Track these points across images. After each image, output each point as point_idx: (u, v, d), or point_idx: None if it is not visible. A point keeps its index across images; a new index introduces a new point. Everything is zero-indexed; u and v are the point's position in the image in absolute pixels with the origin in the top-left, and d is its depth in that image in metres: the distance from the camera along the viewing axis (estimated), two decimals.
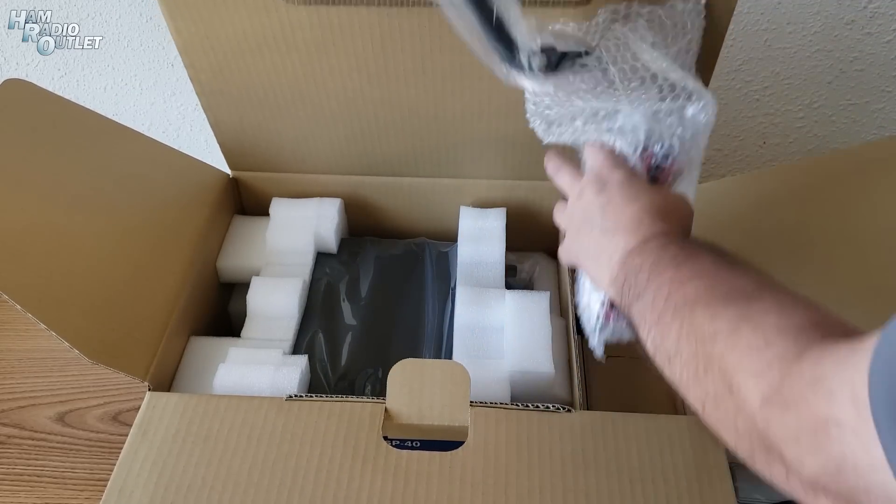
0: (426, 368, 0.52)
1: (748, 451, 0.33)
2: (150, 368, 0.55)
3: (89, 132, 0.62)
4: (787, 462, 0.29)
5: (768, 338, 0.31)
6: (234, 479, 0.48)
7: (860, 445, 0.25)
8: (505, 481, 0.48)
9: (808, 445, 0.28)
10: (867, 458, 0.25)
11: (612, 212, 0.46)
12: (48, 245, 0.53)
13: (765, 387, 0.30)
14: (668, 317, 0.37)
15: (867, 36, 0.73)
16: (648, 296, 0.39)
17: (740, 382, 0.32)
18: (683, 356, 0.36)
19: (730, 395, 0.32)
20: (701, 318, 0.35)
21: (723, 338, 0.33)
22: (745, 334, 0.32)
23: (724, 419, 0.33)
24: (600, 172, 0.48)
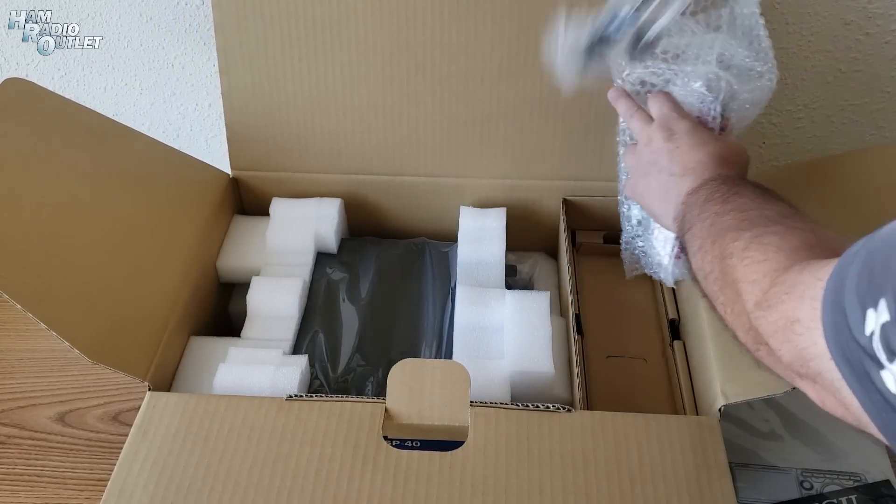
0: (426, 368, 0.52)
1: (753, 346, 0.39)
2: (150, 368, 0.55)
3: (89, 132, 0.62)
4: (774, 352, 0.35)
5: (768, 254, 0.37)
6: (234, 479, 0.48)
7: (811, 337, 0.31)
8: (505, 481, 0.48)
9: (783, 339, 0.34)
10: (815, 350, 0.31)
11: (679, 157, 0.51)
12: (48, 245, 0.53)
13: (757, 292, 0.37)
14: (709, 243, 0.43)
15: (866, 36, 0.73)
16: (697, 226, 0.45)
17: (742, 290, 0.38)
18: (715, 273, 0.42)
19: (738, 299, 0.38)
20: (728, 240, 0.41)
21: (737, 254, 0.40)
22: (751, 251, 0.39)
23: (736, 320, 0.40)
24: (668, 120, 0.53)
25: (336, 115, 0.69)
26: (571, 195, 0.71)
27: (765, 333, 0.36)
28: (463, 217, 0.70)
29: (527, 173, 0.70)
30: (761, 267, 0.37)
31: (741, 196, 0.45)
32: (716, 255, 0.42)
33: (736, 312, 0.39)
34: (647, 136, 0.54)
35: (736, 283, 0.39)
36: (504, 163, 0.70)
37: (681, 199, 0.50)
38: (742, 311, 0.38)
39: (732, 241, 0.41)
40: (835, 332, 0.29)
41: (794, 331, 0.32)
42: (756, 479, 0.61)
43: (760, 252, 0.38)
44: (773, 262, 0.37)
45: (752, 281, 0.37)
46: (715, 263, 0.42)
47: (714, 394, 0.53)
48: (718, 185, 0.47)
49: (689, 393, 0.59)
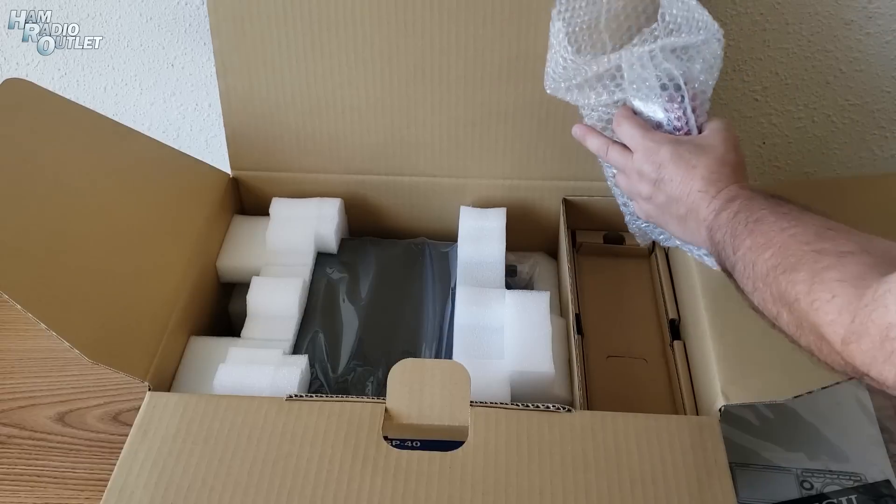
0: (426, 368, 0.52)
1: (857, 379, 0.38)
2: (150, 368, 0.55)
3: (89, 132, 0.62)
4: (881, 381, 0.34)
5: (834, 291, 0.37)
6: (234, 479, 0.48)
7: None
8: (505, 481, 0.48)
9: (882, 358, 0.33)
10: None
11: (678, 196, 0.50)
12: (48, 245, 0.53)
13: (840, 329, 0.36)
14: (761, 284, 0.43)
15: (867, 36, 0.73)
16: (740, 267, 0.45)
17: (825, 333, 0.37)
18: (784, 316, 0.41)
19: (822, 343, 0.38)
20: (784, 285, 0.40)
21: (803, 298, 0.39)
22: (816, 293, 0.38)
23: (828, 361, 0.39)
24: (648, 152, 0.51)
25: (335, 116, 0.69)
26: (571, 195, 0.71)
27: (862, 365, 0.35)
28: (463, 217, 0.70)
29: (527, 173, 0.70)
30: (832, 305, 0.37)
31: (764, 224, 0.44)
32: (777, 300, 0.41)
33: (826, 353, 0.39)
34: (635, 171, 0.53)
35: (816, 327, 0.38)
36: (504, 163, 0.70)
37: (703, 236, 0.49)
38: (830, 353, 0.38)
39: (791, 286, 0.40)
40: None
41: (891, 337, 0.32)
42: (756, 479, 0.61)
43: (826, 291, 0.38)
44: (842, 297, 0.36)
45: (829, 322, 0.37)
46: (780, 308, 0.41)
47: (714, 394, 0.53)
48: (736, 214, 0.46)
49: (689, 393, 0.59)
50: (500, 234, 0.68)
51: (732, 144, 0.51)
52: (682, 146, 0.50)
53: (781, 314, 0.42)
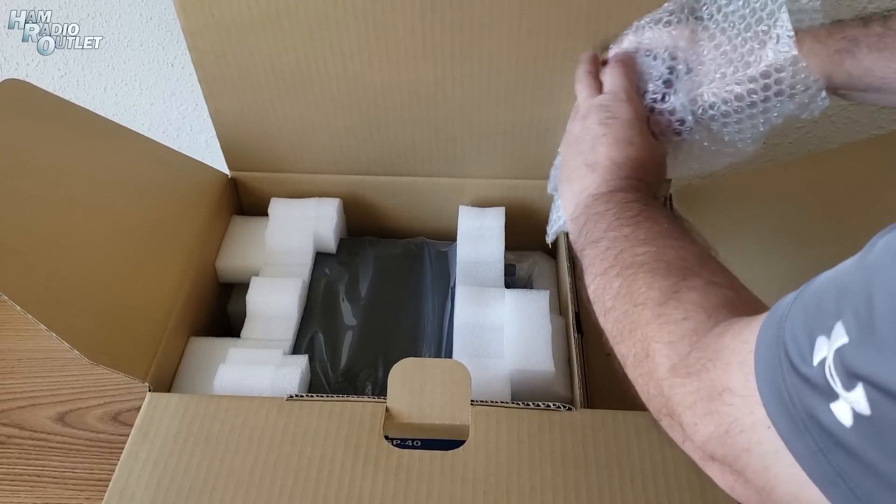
0: (427, 368, 0.52)
1: (656, 412, 0.36)
2: (150, 369, 0.55)
3: (87, 133, 0.62)
4: (684, 427, 0.32)
5: (687, 313, 0.34)
6: (235, 480, 0.48)
7: (746, 407, 0.28)
8: (506, 480, 0.48)
9: (703, 411, 0.30)
10: (751, 419, 0.28)
11: (602, 147, 0.48)
12: (48, 245, 0.53)
13: (674, 356, 0.33)
14: (614, 272, 0.40)
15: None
16: (602, 245, 0.42)
17: (655, 350, 0.34)
18: (617, 313, 0.39)
19: (646, 359, 0.35)
20: (640, 283, 0.38)
21: (651, 306, 0.36)
22: (669, 307, 0.35)
23: (640, 380, 0.36)
24: (614, 100, 0.50)
25: (330, 134, 0.68)
26: None
27: (679, 404, 0.32)
28: (462, 216, 0.70)
29: (525, 172, 0.70)
30: (679, 328, 0.34)
31: (654, 224, 0.42)
32: (622, 294, 0.39)
33: (641, 371, 0.36)
34: (587, 109, 0.51)
35: (647, 340, 0.35)
36: (503, 162, 0.70)
37: (584, 197, 0.47)
38: (650, 373, 0.35)
39: (647, 289, 0.37)
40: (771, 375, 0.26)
41: (724, 401, 0.29)
42: None
43: (679, 310, 0.35)
44: (692, 323, 0.34)
45: (667, 342, 0.34)
46: (620, 301, 0.39)
47: None
48: (631, 200, 0.44)
49: None
50: (500, 233, 0.68)
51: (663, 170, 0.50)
52: (643, 125, 0.49)
53: (615, 309, 0.39)
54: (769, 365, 0.27)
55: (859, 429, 0.22)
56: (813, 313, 0.25)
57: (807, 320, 0.25)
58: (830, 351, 0.23)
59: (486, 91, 0.64)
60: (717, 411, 0.30)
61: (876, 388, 0.21)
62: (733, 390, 0.29)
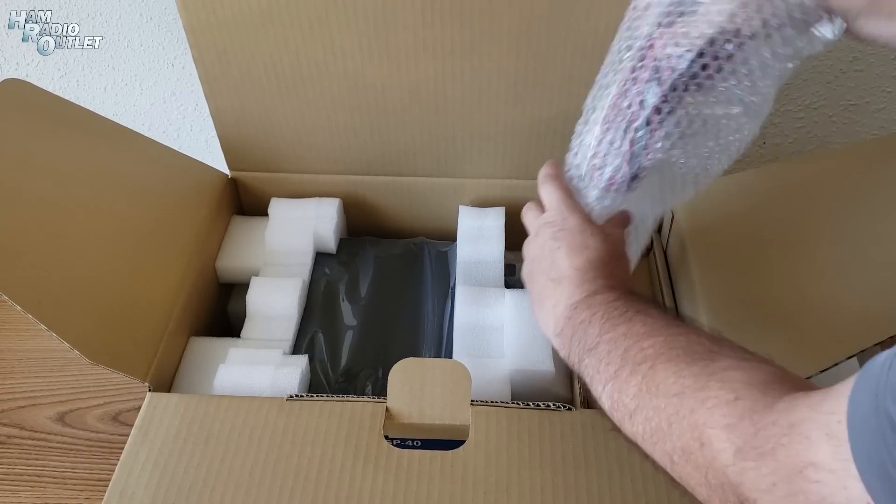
0: (427, 368, 0.52)
1: None
2: (150, 369, 0.55)
3: (87, 133, 0.62)
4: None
5: (737, 392, 0.32)
6: (235, 480, 0.48)
7: (837, 483, 0.25)
8: (506, 480, 0.48)
9: (784, 492, 0.28)
10: (844, 495, 0.25)
11: (561, 260, 0.47)
12: (48, 245, 0.53)
13: (737, 439, 0.30)
14: (626, 372, 0.37)
15: None
16: (602, 350, 0.40)
17: (711, 436, 0.32)
18: (646, 411, 0.36)
19: (700, 448, 0.32)
20: (663, 374, 0.35)
21: (690, 393, 0.33)
22: (713, 390, 0.33)
23: (695, 473, 0.33)
24: (558, 214, 0.50)
25: (330, 135, 0.68)
26: None
27: (753, 489, 0.30)
28: (462, 216, 0.70)
29: (526, 172, 0.70)
30: (734, 409, 0.31)
31: (648, 316, 0.40)
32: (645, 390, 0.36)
33: (696, 463, 0.33)
34: (536, 230, 0.51)
35: (697, 428, 0.32)
36: (503, 162, 0.70)
37: (561, 309, 0.45)
38: (707, 463, 0.32)
39: (675, 378, 0.35)
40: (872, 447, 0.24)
41: (808, 478, 0.27)
42: None
43: (726, 390, 0.32)
44: (747, 401, 0.31)
45: (724, 426, 0.31)
46: (645, 399, 0.36)
47: None
48: (612, 300, 0.42)
49: None
50: (500, 233, 0.68)
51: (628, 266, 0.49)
52: (590, 225, 0.48)
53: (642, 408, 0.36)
54: (868, 436, 0.24)
55: None
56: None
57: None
58: None
59: (486, 89, 0.64)
60: (802, 490, 0.27)
61: None
62: (819, 465, 0.26)
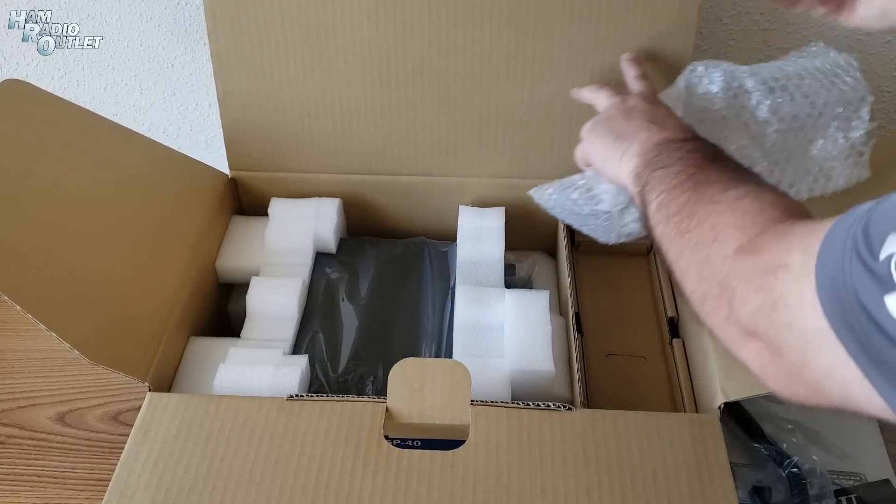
0: (427, 367, 0.52)
1: (702, 295, 0.38)
2: (150, 369, 0.55)
3: (87, 133, 0.62)
4: (733, 303, 0.34)
5: (763, 207, 0.37)
6: (235, 480, 0.48)
7: (796, 284, 0.30)
8: (506, 480, 0.48)
9: (758, 284, 0.33)
10: (797, 296, 0.30)
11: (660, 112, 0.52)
12: (48, 245, 0.53)
13: (744, 238, 0.36)
14: (686, 186, 0.42)
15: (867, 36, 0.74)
16: (675, 168, 0.44)
17: (726, 234, 0.37)
18: (682, 215, 0.41)
19: (711, 244, 0.37)
20: (714, 189, 0.40)
21: (727, 201, 0.39)
22: (746, 202, 0.38)
23: (695, 265, 0.38)
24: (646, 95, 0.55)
25: (334, 118, 0.69)
26: None
27: (737, 278, 0.34)
28: (462, 216, 0.70)
29: (525, 172, 0.70)
30: (755, 218, 0.36)
31: (731, 161, 0.44)
32: (693, 200, 0.41)
33: (700, 256, 0.38)
34: (621, 98, 0.55)
35: (718, 227, 0.37)
36: (503, 162, 0.70)
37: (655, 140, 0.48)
38: (711, 257, 0.37)
39: (723, 191, 0.39)
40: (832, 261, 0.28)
41: (777, 276, 0.32)
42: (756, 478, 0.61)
43: (756, 204, 0.37)
44: (768, 215, 0.36)
45: (741, 227, 0.36)
46: (688, 206, 0.41)
47: (714, 391, 0.53)
48: (709, 144, 0.47)
49: (688, 391, 0.59)
50: (500, 233, 0.68)
51: None
52: None
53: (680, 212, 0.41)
54: (833, 252, 0.28)
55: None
56: (889, 215, 0.26)
57: (882, 220, 0.26)
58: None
59: (486, 61, 0.65)
60: (769, 286, 0.32)
61: None
62: (789, 267, 0.31)
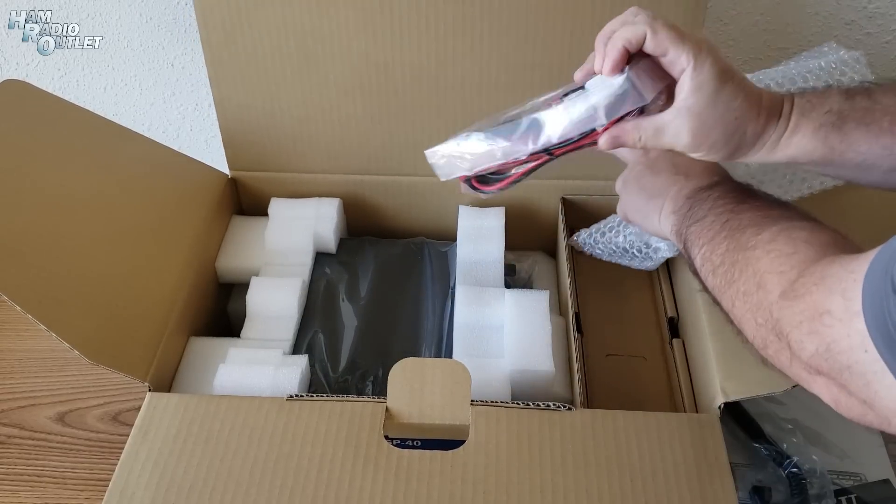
0: (427, 368, 0.52)
1: (763, 341, 0.38)
2: (150, 369, 0.55)
3: (87, 133, 0.62)
4: (792, 347, 0.35)
5: (797, 247, 0.38)
6: (235, 480, 0.48)
7: (843, 330, 0.31)
8: (506, 480, 0.48)
9: (808, 330, 0.34)
10: (847, 342, 0.31)
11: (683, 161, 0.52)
12: (48, 245, 0.53)
13: (785, 283, 0.36)
14: (722, 236, 0.43)
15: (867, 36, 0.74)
16: (709, 219, 0.46)
17: (767, 280, 0.38)
18: (726, 266, 0.42)
19: (757, 291, 0.38)
20: (748, 234, 0.41)
21: (762, 245, 0.40)
22: (779, 244, 0.39)
23: (749, 313, 0.39)
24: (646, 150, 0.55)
25: (332, 124, 0.69)
26: (570, 194, 0.71)
27: (788, 324, 0.35)
28: (462, 216, 0.70)
29: None
30: (790, 260, 0.37)
31: (759, 199, 0.45)
32: (731, 248, 0.42)
33: (751, 304, 0.39)
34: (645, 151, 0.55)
35: (759, 273, 0.38)
36: None
37: (685, 192, 0.50)
38: (761, 303, 0.38)
39: (755, 235, 0.40)
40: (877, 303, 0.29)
41: (823, 322, 0.32)
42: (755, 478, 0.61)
43: (789, 245, 0.38)
44: (802, 255, 0.37)
45: (779, 272, 0.37)
46: (729, 255, 0.42)
47: (714, 391, 0.53)
48: (732, 187, 0.47)
49: (688, 391, 0.59)
50: (499, 233, 0.68)
51: None
52: None
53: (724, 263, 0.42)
54: (875, 294, 0.29)
55: None
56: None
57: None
58: None
59: (485, 69, 0.64)
60: (818, 331, 0.33)
61: None
62: (832, 313, 0.32)
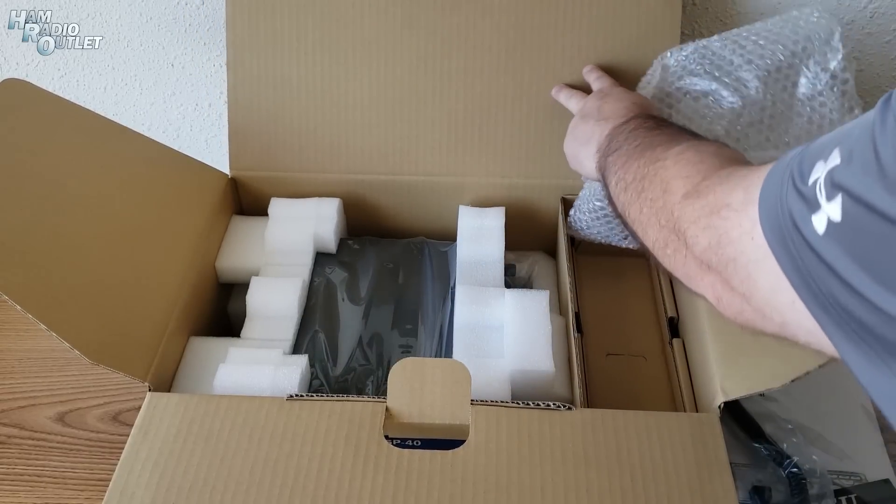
0: (427, 367, 0.52)
1: (664, 241, 0.40)
2: (150, 369, 0.55)
3: (87, 133, 0.62)
4: (688, 242, 0.37)
5: (703, 157, 0.40)
6: (235, 479, 0.48)
7: (736, 220, 0.33)
8: (506, 479, 0.48)
9: (704, 225, 0.35)
10: (738, 231, 0.32)
11: (606, 107, 0.56)
12: (48, 245, 0.53)
13: (689, 185, 0.38)
14: (634, 157, 0.46)
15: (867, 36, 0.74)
16: (624, 147, 0.48)
17: (673, 185, 0.40)
18: (637, 180, 0.44)
19: (663, 195, 0.40)
20: (658, 151, 0.44)
21: (672, 156, 0.42)
22: (688, 154, 0.41)
23: (653, 217, 0.41)
24: (602, 88, 0.61)
25: (338, 112, 0.70)
26: (570, 194, 0.71)
27: (686, 220, 0.37)
28: (462, 216, 0.70)
29: (525, 172, 0.70)
30: (696, 167, 0.39)
31: (672, 126, 0.48)
32: (642, 164, 0.44)
33: (656, 208, 0.41)
34: (583, 102, 0.60)
35: (665, 180, 0.40)
36: (503, 162, 0.70)
37: (605, 133, 0.53)
38: (665, 205, 0.40)
39: (666, 150, 0.42)
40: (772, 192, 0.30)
41: (721, 215, 0.34)
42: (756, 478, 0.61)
43: (697, 155, 0.40)
44: (708, 163, 0.39)
45: (685, 177, 0.39)
46: (640, 171, 0.44)
47: (713, 391, 0.53)
48: (647, 118, 0.51)
49: (688, 390, 0.59)
50: (500, 233, 0.68)
51: None
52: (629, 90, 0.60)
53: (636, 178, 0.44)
54: (774, 185, 0.30)
55: (829, 234, 0.26)
56: (820, 147, 0.28)
57: (813, 152, 0.28)
58: (824, 171, 0.27)
59: (488, 51, 0.67)
60: (714, 224, 0.34)
61: (851, 196, 0.25)
62: (731, 206, 0.33)
